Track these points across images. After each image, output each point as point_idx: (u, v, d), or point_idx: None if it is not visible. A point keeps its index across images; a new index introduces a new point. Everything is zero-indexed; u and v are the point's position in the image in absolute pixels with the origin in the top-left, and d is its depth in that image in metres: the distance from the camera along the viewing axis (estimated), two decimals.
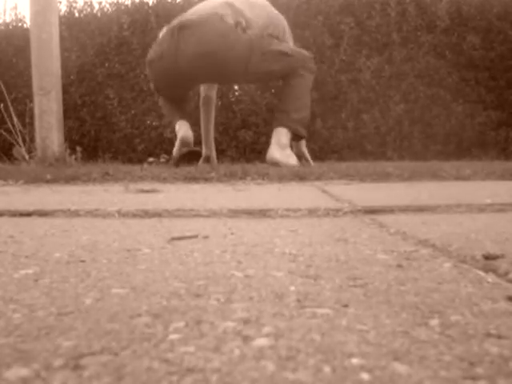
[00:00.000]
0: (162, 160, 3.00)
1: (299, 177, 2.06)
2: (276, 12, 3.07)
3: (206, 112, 3.30)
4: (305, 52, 2.99)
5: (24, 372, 0.32)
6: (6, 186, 1.98)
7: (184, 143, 2.92)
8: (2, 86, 3.35)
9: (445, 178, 2.04)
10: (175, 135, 3.01)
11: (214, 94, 3.32)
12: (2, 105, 3.31)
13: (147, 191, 1.66)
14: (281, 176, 2.07)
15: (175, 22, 2.87)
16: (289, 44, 3.06)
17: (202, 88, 3.31)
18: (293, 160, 2.82)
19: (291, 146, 2.97)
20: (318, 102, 4.34)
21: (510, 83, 4.54)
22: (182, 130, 2.92)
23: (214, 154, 3.39)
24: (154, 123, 4.70)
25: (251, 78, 2.98)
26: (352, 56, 4.55)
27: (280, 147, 2.80)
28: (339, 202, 1.31)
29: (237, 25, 2.79)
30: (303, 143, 3.21)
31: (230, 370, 0.32)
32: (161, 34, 2.94)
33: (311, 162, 3.24)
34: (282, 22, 3.07)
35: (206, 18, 2.78)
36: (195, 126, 3.18)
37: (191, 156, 2.92)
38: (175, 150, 2.96)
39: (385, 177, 2.06)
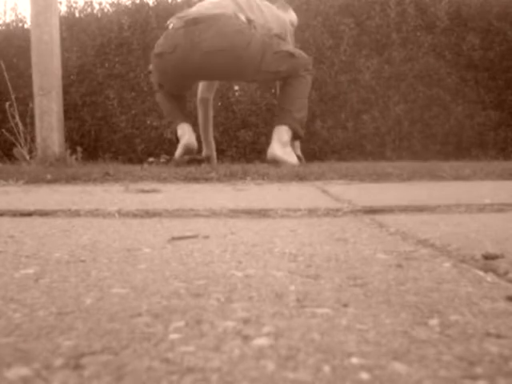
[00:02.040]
0: (162, 160, 2.99)
1: (299, 177, 2.06)
2: (278, 13, 3.08)
3: (203, 113, 3.29)
4: (305, 54, 3.02)
5: (24, 371, 0.32)
6: (6, 186, 1.98)
7: (188, 150, 2.91)
8: (8, 85, 3.35)
9: (444, 177, 2.04)
10: (176, 136, 3.00)
11: (211, 96, 3.32)
12: (7, 104, 3.31)
13: (147, 191, 1.66)
14: (281, 176, 2.07)
15: (184, 16, 2.82)
16: (291, 45, 3.07)
17: (200, 90, 3.29)
18: (293, 158, 2.83)
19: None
20: (317, 102, 4.34)
21: (510, 83, 4.54)
22: (186, 135, 2.90)
23: (214, 154, 3.39)
24: (154, 123, 4.69)
25: (260, 76, 2.96)
26: (352, 56, 4.55)
27: (281, 145, 2.80)
28: (339, 201, 1.31)
29: (249, 22, 2.79)
30: (298, 145, 3.23)
31: (230, 369, 0.32)
32: (170, 26, 2.89)
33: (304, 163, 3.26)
34: (285, 22, 3.07)
35: (221, 13, 2.76)
36: (195, 125, 3.17)
37: (193, 161, 2.91)
38: (177, 155, 2.94)
39: (384, 177, 2.06)
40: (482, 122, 4.50)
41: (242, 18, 2.79)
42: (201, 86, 3.29)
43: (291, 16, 3.31)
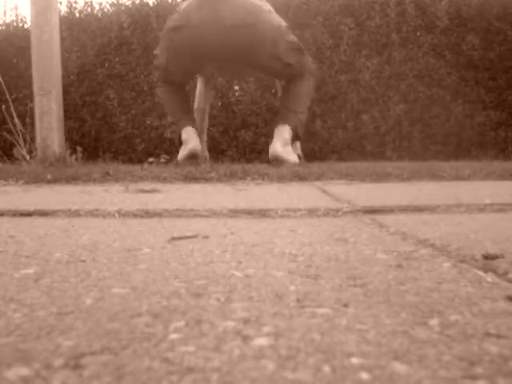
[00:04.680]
0: (163, 160, 2.99)
1: (299, 177, 2.06)
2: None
3: (199, 121, 3.26)
4: (309, 57, 3.02)
5: (24, 371, 0.32)
6: (6, 186, 1.98)
7: (192, 156, 2.89)
8: (4, 85, 3.35)
9: (444, 177, 2.04)
10: (177, 136, 2.99)
11: (207, 105, 3.33)
12: (4, 107, 3.31)
13: (147, 191, 1.66)
14: (281, 176, 2.07)
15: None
16: None
17: (196, 101, 3.28)
18: (294, 157, 2.83)
19: None
20: (317, 102, 4.34)
21: (510, 83, 4.54)
22: (192, 141, 2.87)
23: (206, 153, 3.41)
24: (154, 123, 4.69)
25: (271, 64, 2.89)
26: (352, 56, 4.55)
27: (283, 143, 2.80)
28: (339, 202, 1.31)
29: (266, 3, 2.78)
30: (298, 145, 3.23)
31: (230, 369, 0.32)
32: (184, 4, 2.83)
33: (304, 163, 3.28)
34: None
35: None
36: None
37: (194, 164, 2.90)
38: (180, 158, 2.91)
39: (384, 177, 2.06)
40: (482, 122, 4.50)
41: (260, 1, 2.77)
42: (198, 96, 3.28)
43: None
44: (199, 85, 3.29)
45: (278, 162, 2.72)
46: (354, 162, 3.65)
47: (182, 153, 2.92)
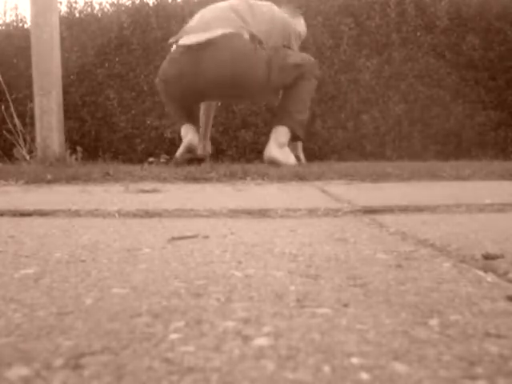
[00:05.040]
0: (163, 160, 2.99)
1: (299, 177, 2.06)
2: (280, 14, 2.99)
3: (206, 111, 3.33)
4: (311, 57, 2.98)
5: (24, 371, 0.32)
6: (6, 186, 1.98)
7: (189, 149, 2.92)
8: (4, 85, 3.34)
9: (444, 177, 2.04)
10: (177, 136, 3.01)
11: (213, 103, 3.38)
12: (3, 107, 3.31)
13: (147, 191, 1.66)
14: (281, 176, 2.07)
15: (187, 38, 2.78)
16: (296, 50, 3.02)
17: None
18: (291, 159, 2.83)
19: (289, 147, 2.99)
20: (317, 102, 4.34)
21: (510, 83, 4.54)
22: (189, 135, 2.90)
23: (209, 148, 3.44)
24: (154, 123, 4.69)
25: (268, 92, 2.96)
26: (352, 56, 4.54)
27: (278, 146, 2.80)
28: (339, 201, 1.31)
29: (253, 39, 2.75)
30: (300, 146, 3.22)
31: (230, 369, 0.32)
32: (173, 47, 2.88)
33: (304, 162, 3.27)
34: (287, 24, 2.99)
35: (223, 34, 2.72)
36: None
37: (194, 160, 2.92)
38: (179, 154, 2.95)
39: (384, 177, 2.06)
40: (482, 122, 4.49)
41: (246, 36, 2.74)
42: None
43: (300, 25, 3.19)
44: None
45: (273, 165, 2.71)
46: (354, 162, 3.65)
47: (181, 148, 2.95)
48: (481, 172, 2.13)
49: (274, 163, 2.73)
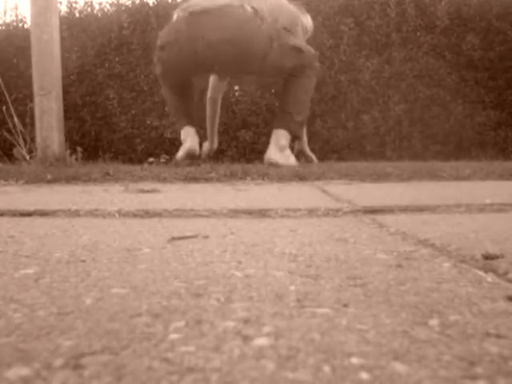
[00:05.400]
0: (163, 160, 2.99)
1: (299, 177, 2.06)
2: (289, 5, 2.99)
3: (212, 109, 3.33)
4: (312, 49, 2.94)
5: (24, 371, 0.32)
6: (6, 186, 1.98)
7: (190, 155, 2.90)
8: (3, 86, 3.34)
9: (444, 177, 2.04)
10: (177, 136, 3.00)
11: (219, 96, 3.35)
12: (4, 107, 3.31)
13: (147, 191, 1.66)
14: (281, 176, 2.07)
15: (189, 7, 2.76)
16: (301, 39, 3.00)
17: (209, 89, 3.31)
18: (292, 161, 2.82)
19: (292, 147, 2.99)
20: (317, 102, 4.34)
21: (510, 83, 4.54)
22: (189, 140, 2.89)
23: (215, 146, 3.44)
24: (154, 123, 4.69)
25: (265, 71, 2.92)
26: (352, 56, 4.55)
27: (279, 149, 2.79)
28: (339, 201, 1.31)
29: (256, 13, 2.73)
30: (305, 142, 3.24)
31: (230, 369, 0.32)
32: (174, 17, 2.85)
33: (315, 159, 3.29)
34: (294, 14, 2.98)
35: (225, 4, 2.71)
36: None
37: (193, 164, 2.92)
38: (179, 157, 2.93)
39: (384, 177, 2.06)
40: (482, 122, 4.49)
41: (248, 8, 2.73)
42: (210, 86, 3.30)
43: (307, 22, 3.21)
44: (212, 76, 3.29)
45: (273, 167, 2.71)
46: (354, 161, 3.65)
47: (181, 152, 2.94)
48: (481, 172, 2.13)
49: (273, 166, 2.73)
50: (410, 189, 1.69)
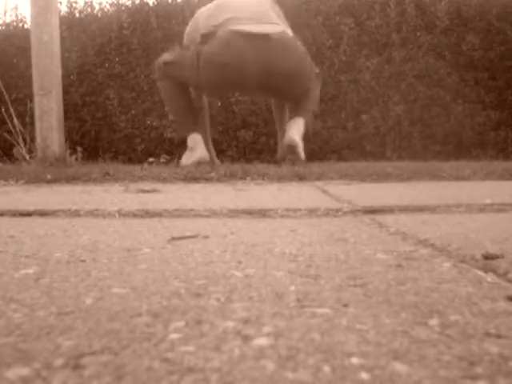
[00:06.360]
0: (163, 160, 2.99)
1: (299, 177, 2.06)
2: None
3: (201, 118, 3.26)
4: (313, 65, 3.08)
5: (24, 371, 0.32)
6: (6, 186, 1.98)
7: (200, 164, 2.88)
8: (2, 86, 3.34)
9: (444, 178, 2.04)
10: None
11: (206, 104, 3.28)
12: (3, 108, 3.31)
13: (147, 191, 1.66)
14: (281, 176, 2.07)
15: (242, 27, 2.73)
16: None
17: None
18: (303, 154, 2.84)
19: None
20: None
21: (510, 83, 4.54)
22: (199, 149, 2.86)
23: (213, 155, 3.39)
24: (154, 123, 4.69)
25: (294, 95, 3.01)
26: (352, 56, 4.54)
27: (299, 134, 2.81)
28: (339, 202, 1.31)
29: (295, 37, 2.84)
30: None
31: (230, 369, 0.32)
32: (219, 33, 2.77)
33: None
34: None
35: (283, 35, 2.77)
36: None
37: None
38: (187, 164, 2.85)
39: (384, 177, 2.06)
40: (482, 122, 4.49)
41: (290, 33, 2.82)
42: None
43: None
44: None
45: (290, 150, 2.74)
46: (354, 161, 3.65)
47: (190, 159, 2.87)
48: (481, 172, 2.13)
49: (292, 149, 2.74)
50: (409, 189, 1.69)
